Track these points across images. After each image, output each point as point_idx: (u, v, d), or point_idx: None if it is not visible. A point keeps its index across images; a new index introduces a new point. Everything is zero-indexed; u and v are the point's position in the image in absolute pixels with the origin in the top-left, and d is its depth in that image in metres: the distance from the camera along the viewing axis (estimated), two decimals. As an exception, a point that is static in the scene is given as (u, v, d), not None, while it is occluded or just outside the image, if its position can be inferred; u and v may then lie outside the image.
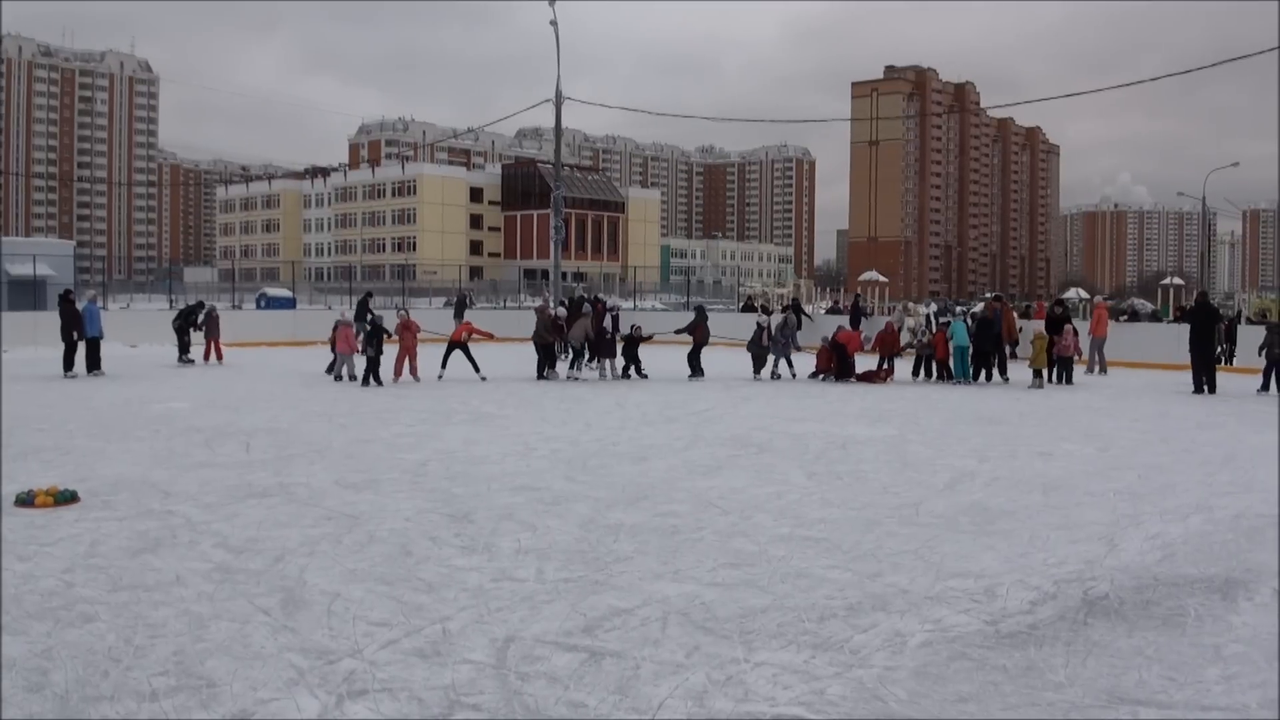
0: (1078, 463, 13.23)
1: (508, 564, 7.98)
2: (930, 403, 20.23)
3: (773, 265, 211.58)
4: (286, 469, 12.08)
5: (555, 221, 43.97)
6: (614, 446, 14.13)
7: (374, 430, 15.46)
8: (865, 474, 12.21)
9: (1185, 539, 9.10)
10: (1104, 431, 16.27)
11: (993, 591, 7.41)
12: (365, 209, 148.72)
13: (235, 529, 9.02)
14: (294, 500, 10.30)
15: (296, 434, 14.99)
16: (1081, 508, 10.40)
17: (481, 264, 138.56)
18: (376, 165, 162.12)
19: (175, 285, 62.94)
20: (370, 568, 7.82)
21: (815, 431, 15.81)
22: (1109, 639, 6.44)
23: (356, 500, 10.32)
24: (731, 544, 8.68)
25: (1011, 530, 9.35)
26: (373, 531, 8.97)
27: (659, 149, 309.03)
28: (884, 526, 9.41)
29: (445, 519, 9.52)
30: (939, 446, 14.47)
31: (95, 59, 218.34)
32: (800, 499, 10.65)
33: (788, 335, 25.47)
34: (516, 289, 66.69)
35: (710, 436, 15.18)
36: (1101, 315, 29.43)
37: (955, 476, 12.10)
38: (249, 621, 6.53)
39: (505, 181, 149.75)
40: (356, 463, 12.57)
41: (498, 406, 18.78)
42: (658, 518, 9.65)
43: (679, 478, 11.80)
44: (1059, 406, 19.85)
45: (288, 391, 21.04)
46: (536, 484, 11.29)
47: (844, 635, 6.41)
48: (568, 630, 6.44)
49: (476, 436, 14.92)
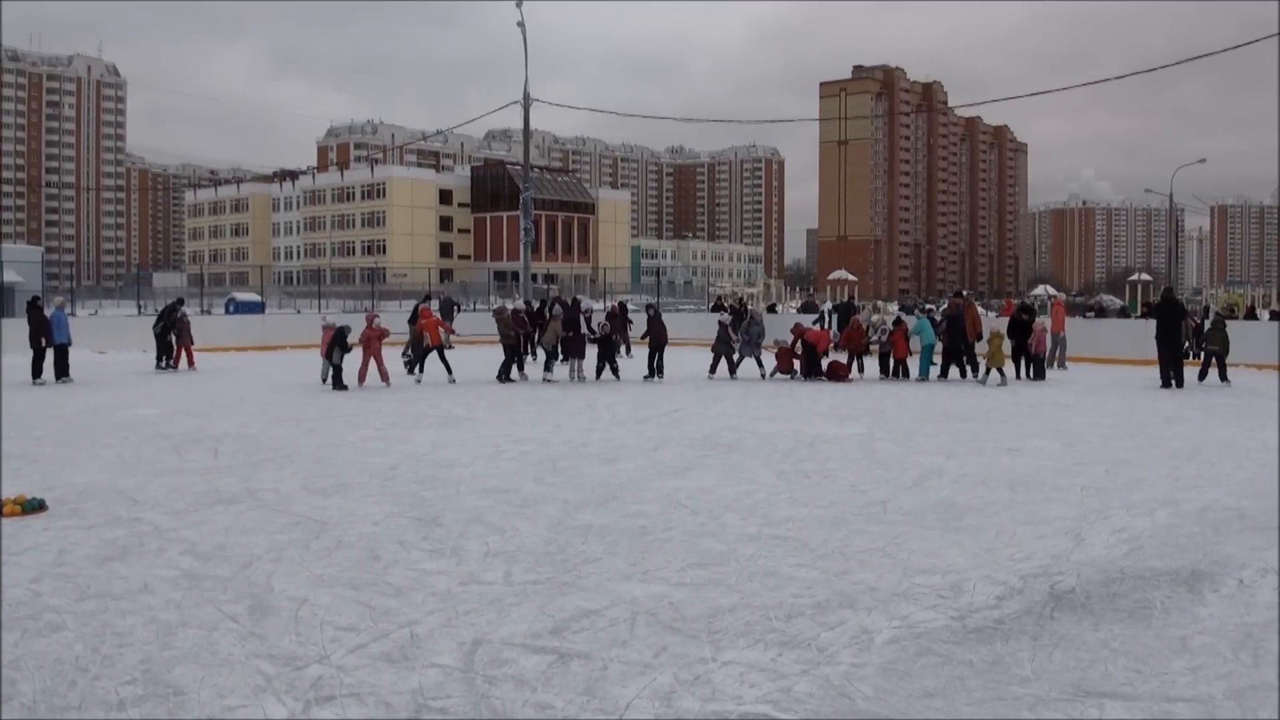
0: (1045, 458, 13.31)
1: (476, 567, 7.97)
2: (899, 400, 20.31)
3: (743, 265, 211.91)
4: (255, 475, 12.03)
5: (525, 223, 43.92)
6: (584, 448, 14.12)
7: (343, 434, 15.41)
8: (833, 472, 12.25)
9: (1152, 532, 9.17)
10: (1071, 427, 16.37)
11: (959, 587, 7.45)
12: (334, 212, 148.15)
13: (203, 536, 8.97)
14: (262, 506, 10.26)
15: (265, 439, 14.92)
16: (1048, 503, 10.47)
17: (451, 266, 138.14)
18: (345, 168, 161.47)
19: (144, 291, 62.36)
20: (338, 573, 7.80)
21: (784, 430, 15.85)
22: (1075, 632, 6.48)
23: (325, 505, 10.28)
24: (700, 544, 8.69)
25: (978, 526, 9.40)
26: (341, 536, 8.94)
27: (628, 150, 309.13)
28: (851, 524, 9.45)
29: (414, 523, 9.49)
30: (907, 444, 14.52)
31: (62, 63, 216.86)
32: (768, 498, 10.67)
33: (755, 334, 25.41)
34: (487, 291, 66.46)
35: (680, 437, 15.19)
36: (1059, 311, 29.69)
37: (923, 473, 12.15)
38: (216, 628, 6.50)
39: (475, 183, 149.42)
40: (325, 467, 12.52)
41: (467, 409, 18.75)
42: (627, 518, 9.66)
43: (648, 478, 11.80)
44: (1027, 403, 19.95)
45: (257, 396, 20.94)
46: (506, 486, 11.28)
47: (811, 633, 6.43)
48: (535, 632, 6.43)
49: (446, 439, 14.89)
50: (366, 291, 66.62)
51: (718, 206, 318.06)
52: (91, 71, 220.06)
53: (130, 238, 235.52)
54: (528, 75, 41.54)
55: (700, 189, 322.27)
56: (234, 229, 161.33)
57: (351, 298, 70.85)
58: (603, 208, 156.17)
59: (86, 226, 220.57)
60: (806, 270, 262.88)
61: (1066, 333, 28.91)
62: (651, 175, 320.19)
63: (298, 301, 69.75)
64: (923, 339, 24.54)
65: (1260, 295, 54.97)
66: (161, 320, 28.26)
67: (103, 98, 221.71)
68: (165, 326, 27.97)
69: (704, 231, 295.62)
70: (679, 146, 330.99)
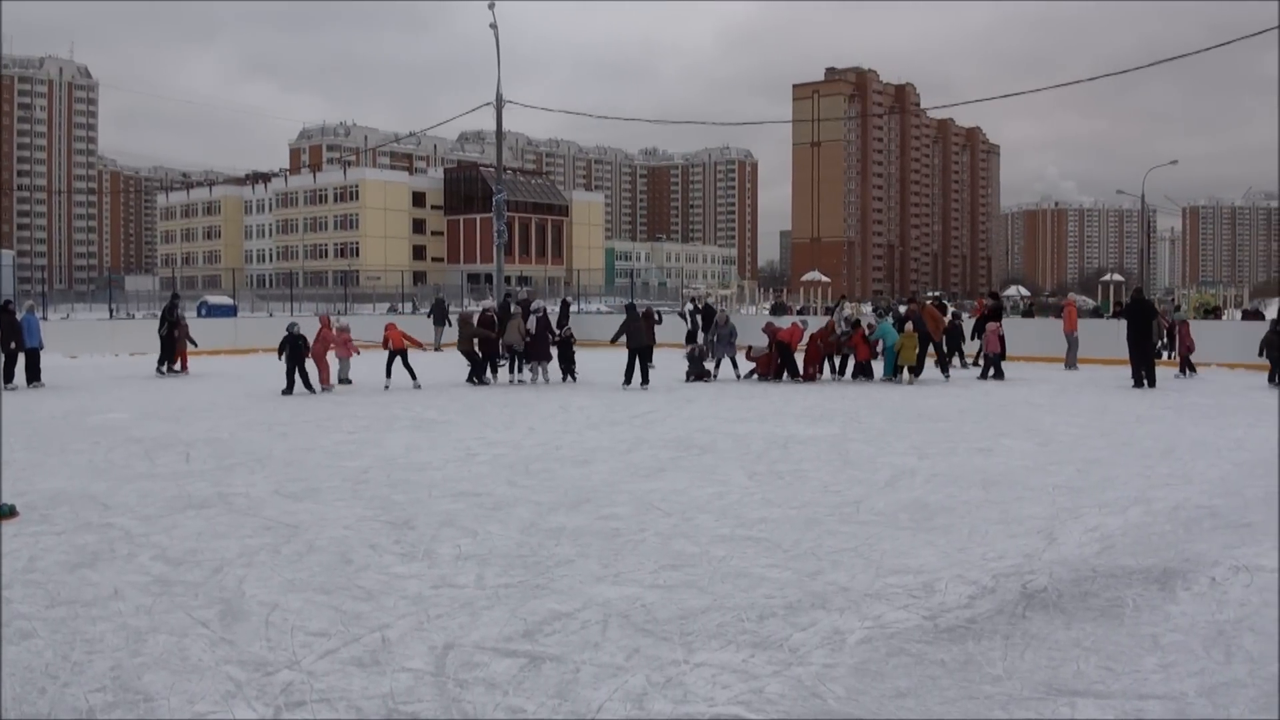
0: (1017, 458, 13.36)
1: (448, 570, 7.94)
2: (872, 401, 20.35)
3: (717, 267, 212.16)
4: (226, 479, 11.96)
5: (498, 225, 43.88)
6: (557, 450, 14.10)
7: (314, 438, 15.34)
8: (806, 473, 12.26)
9: (1124, 531, 9.21)
10: (1044, 427, 16.43)
11: (932, 587, 7.47)
12: (307, 214, 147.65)
13: (174, 541, 8.91)
14: (233, 510, 10.20)
15: (236, 443, 14.85)
16: (1021, 502, 10.50)
17: (424, 269, 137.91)
18: (318, 170, 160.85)
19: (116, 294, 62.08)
20: (309, 577, 7.76)
21: (757, 432, 15.87)
22: (1047, 631, 6.50)
23: (296, 509, 10.23)
24: (672, 545, 8.69)
25: (951, 526, 9.42)
26: (312, 541, 8.90)
27: (602, 152, 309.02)
28: (824, 525, 9.46)
29: (385, 526, 9.46)
30: (880, 444, 14.56)
31: (34, 65, 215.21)
32: (741, 499, 10.68)
33: (726, 334, 25.35)
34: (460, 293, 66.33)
35: (653, 439, 15.19)
36: (1071, 312, 29.71)
37: (895, 474, 12.18)
38: (187, 634, 6.45)
39: (448, 185, 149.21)
40: (296, 471, 12.47)
41: (440, 412, 18.70)
42: (599, 521, 9.64)
43: (621, 480, 11.79)
44: (999, 403, 20.03)
45: (228, 401, 20.83)
46: (478, 489, 11.25)
47: (783, 634, 6.43)
48: (507, 636, 6.42)
49: (418, 443, 14.84)
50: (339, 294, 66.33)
51: (691, 208, 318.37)
52: (63, 74, 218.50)
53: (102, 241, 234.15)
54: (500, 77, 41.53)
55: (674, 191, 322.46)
56: (206, 232, 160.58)
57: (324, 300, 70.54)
58: (576, 210, 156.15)
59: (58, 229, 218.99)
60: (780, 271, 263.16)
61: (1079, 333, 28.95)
62: (625, 177, 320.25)
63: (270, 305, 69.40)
64: (885, 341, 24.56)
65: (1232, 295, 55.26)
66: (165, 321, 27.58)
67: (74, 100, 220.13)
68: (170, 327, 27.33)
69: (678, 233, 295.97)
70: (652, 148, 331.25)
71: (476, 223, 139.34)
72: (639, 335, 23.52)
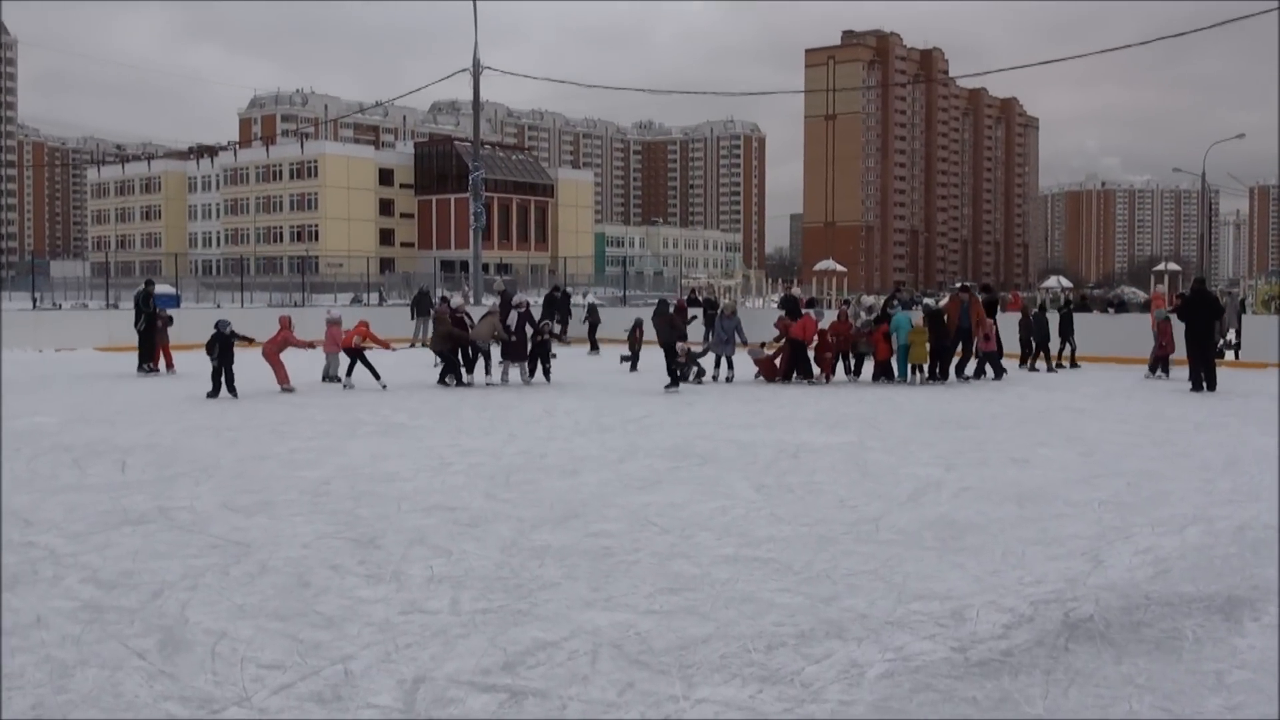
0: (1057, 470, 13.36)
1: (419, 594, 7.93)
2: (893, 405, 20.36)
3: (720, 254, 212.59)
4: (167, 491, 11.93)
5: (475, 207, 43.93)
6: (541, 459, 14.10)
7: (268, 445, 15.32)
8: (820, 486, 12.26)
9: (1181, 553, 9.20)
10: (1087, 435, 16.44)
11: (961, 614, 7.46)
12: (259, 193, 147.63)
13: (107, 561, 8.88)
14: (175, 526, 10.17)
15: (180, 450, 14.82)
16: (1061, 520, 10.50)
17: (393, 255, 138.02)
18: (271, 143, 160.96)
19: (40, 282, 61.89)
20: (262, 602, 7.74)
21: (765, 439, 15.87)
22: (1094, 666, 6.49)
23: (247, 525, 10.21)
24: (670, 566, 8.68)
25: (982, 546, 9.42)
26: (265, 561, 8.88)
27: (591, 125, 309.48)
28: (840, 544, 9.45)
29: (349, 545, 9.44)
30: (902, 454, 14.57)
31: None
32: (747, 515, 10.68)
33: (729, 329, 25.12)
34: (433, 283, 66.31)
35: (648, 446, 15.19)
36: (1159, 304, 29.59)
37: (919, 487, 12.18)
38: (121, 667, 6.42)
39: (419, 162, 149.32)
40: (248, 482, 12.44)
41: (410, 416, 18.69)
42: (589, 538, 9.64)
43: (613, 493, 11.79)
44: (1037, 408, 20.05)
45: (170, 402, 20.80)
46: (453, 503, 11.24)
47: (795, 666, 6.42)
48: (485, 668, 6.40)
49: (386, 450, 14.83)
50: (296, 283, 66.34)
51: (691, 189, 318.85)
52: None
53: (23, 221, 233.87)
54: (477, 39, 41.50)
55: (671, 169, 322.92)
56: (144, 212, 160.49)
57: (279, 290, 70.49)
58: (563, 189, 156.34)
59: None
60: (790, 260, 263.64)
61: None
62: (617, 153, 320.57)
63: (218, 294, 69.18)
64: (898, 338, 24.49)
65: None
66: (140, 314, 27.18)
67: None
68: (148, 321, 26.99)
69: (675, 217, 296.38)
70: (647, 121, 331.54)
71: (451, 204, 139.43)
72: (665, 330, 23.71)
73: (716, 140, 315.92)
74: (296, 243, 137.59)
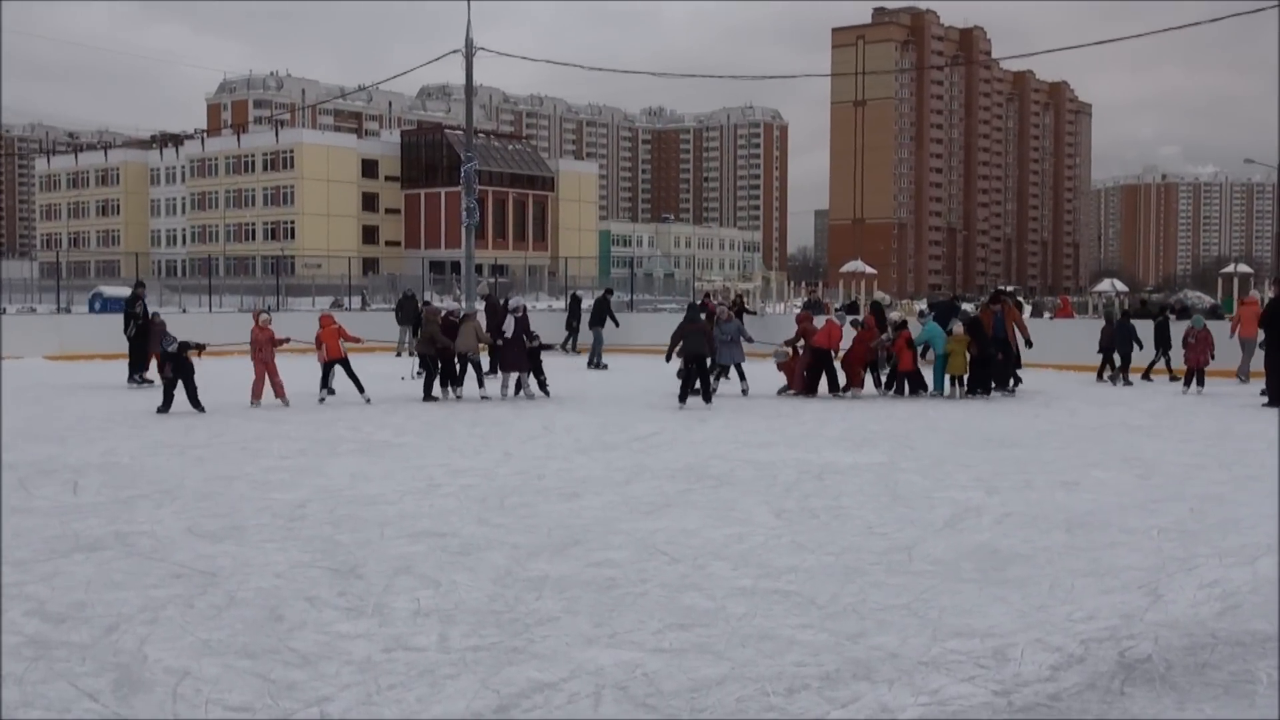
0: (1111, 493, 13.34)
1: (404, 629, 7.93)
2: (928, 421, 20.35)
3: (737, 254, 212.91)
4: (125, 514, 11.94)
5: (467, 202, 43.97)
6: (539, 480, 14.11)
7: (238, 464, 15.34)
8: (847, 510, 12.26)
9: (1253, 586, 9.17)
10: (1146, 455, 16.40)
11: (1004, 654, 7.45)
12: (229, 186, 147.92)
13: (55, 592, 8.88)
14: (134, 553, 10.18)
15: (139, 470, 14.84)
16: (1116, 549, 10.48)
17: (377, 255, 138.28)
18: (243, 132, 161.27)
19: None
20: (230, 638, 7.73)
21: (786, 459, 15.87)
22: (1153, 712, 6.47)
23: (214, 552, 10.21)
24: (681, 599, 8.67)
25: (1027, 578, 9.40)
26: (234, 592, 8.88)
27: (595, 112, 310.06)
28: (869, 575, 9.44)
29: (326, 574, 9.44)
30: (938, 475, 14.56)
31: None
32: (766, 542, 10.67)
33: (731, 333, 24.87)
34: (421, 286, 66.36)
35: (657, 466, 15.20)
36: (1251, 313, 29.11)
37: (958, 512, 12.17)
38: (70, 709, 6.42)
39: (405, 152, 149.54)
40: (215, 505, 12.45)
41: (395, 433, 18.70)
42: (591, 568, 9.64)
43: (618, 518, 11.79)
44: (1089, 425, 20.02)
45: (129, 416, 20.82)
46: (442, 528, 11.25)
47: (818, 711, 6.41)
48: (476, 711, 6.40)
49: (368, 470, 14.84)
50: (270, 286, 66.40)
51: (706, 182, 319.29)
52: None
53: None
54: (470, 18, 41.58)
55: (684, 161, 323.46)
56: (100, 207, 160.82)
57: (251, 293, 70.59)
58: (564, 183, 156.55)
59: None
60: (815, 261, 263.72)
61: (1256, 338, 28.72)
62: (624, 143, 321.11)
63: (183, 298, 69.37)
64: (934, 347, 24.43)
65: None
66: (130, 320, 27.22)
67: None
68: (141, 329, 26.90)
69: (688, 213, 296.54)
70: (657, 108, 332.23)
71: (441, 198, 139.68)
72: (697, 341, 23.02)
73: (734, 129, 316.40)
74: (270, 241, 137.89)
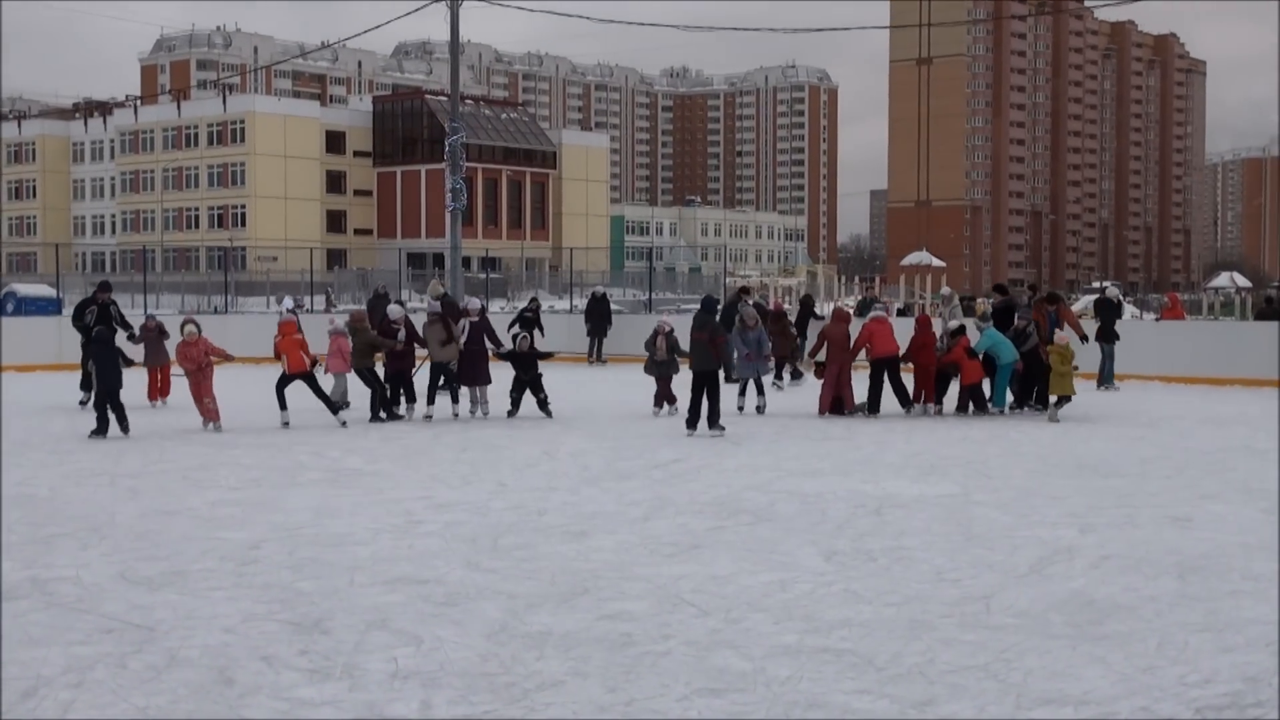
0: (1231, 532, 13.32)
1: (378, 695, 7.95)
2: (1008, 444, 20.32)
3: (777, 244, 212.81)
4: (44, 557, 11.99)
5: (453, 182, 43.92)
6: (539, 516, 14.13)
7: (180, 497, 15.37)
8: (911, 553, 12.26)
9: (1405, 646, 9.15)
10: (1272, 485, 16.35)
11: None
12: (168, 163, 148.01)
13: (-35, 649, 8.93)
14: (55, 604, 10.22)
15: (63, 504, 14.89)
16: (1238, 598, 10.47)
17: (344, 245, 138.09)
18: (184, 99, 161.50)
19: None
20: (170, 704, 7.77)
21: (837, 490, 15.87)
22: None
23: (152, 603, 10.25)
24: (712, 659, 8.69)
25: (1131, 633, 9.40)
26: (175, 650, 8.90)
27: (606, 73, 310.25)
28: (938, 630, 9.45)
29: (286, 629, 9.47)
30: (1021, 511, 14.55)
31: None
32: (814, 591, 10.69)
33: (754, 345, 24.61)
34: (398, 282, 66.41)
35: (682, 500, 15.20)
36: None
37: (1045, 555, 12.17)
38: (-16, 788, 6.47)
39: (379, 122, 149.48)
40: (152, 546, 12.49)
41: (367, 459, 18.73)
42: (603, 621, 9.65)
43: (635, 561, 11.82)
44: (1202, 449, 19.99)
45: (49, 440, 20.88)
46: (423, 574, 11.27)
47: (880, 794, 6.43)
48: (467, 793, 6.42)
49: (335, 504, 14.88)
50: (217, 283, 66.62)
51: (739, 157, 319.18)
52: None
53: None
54: (456, -40, 41.63)
55: (713, 132, 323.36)
56: (12, 189, 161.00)
57: (194, 291, 70.78)
58: (569, 158, 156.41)
59: None
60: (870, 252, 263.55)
61: None
62: (641, 111, 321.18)
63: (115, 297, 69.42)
64: (999, 356, 24.30)
65: None
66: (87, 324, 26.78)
67: None
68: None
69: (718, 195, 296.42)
70: (681, 68, 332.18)
71: (421, 177, 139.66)
72: (701, 355, 21.85)
73: (773, 92, 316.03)
74: (218, 229, 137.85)
